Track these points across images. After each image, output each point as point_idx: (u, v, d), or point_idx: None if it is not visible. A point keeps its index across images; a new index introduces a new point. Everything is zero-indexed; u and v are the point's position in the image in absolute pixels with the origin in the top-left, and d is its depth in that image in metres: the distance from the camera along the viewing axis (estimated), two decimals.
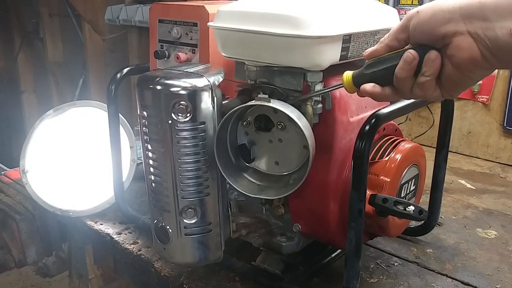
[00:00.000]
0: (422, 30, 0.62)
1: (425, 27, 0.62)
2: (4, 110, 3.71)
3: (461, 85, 0.64)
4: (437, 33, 0.61)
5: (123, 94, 2.42)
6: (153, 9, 1.13)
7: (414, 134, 2.12)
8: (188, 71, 0.91)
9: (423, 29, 0.62)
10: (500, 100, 1.89)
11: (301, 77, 0.88)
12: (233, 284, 1.05)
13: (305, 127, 0.83)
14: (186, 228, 0.92)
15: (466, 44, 0.59)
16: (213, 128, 0.88)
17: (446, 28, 0.60)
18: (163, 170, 0.90)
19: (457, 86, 0.64)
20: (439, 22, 0.60)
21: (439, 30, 0.61)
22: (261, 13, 0.85)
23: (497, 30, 0.57)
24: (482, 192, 1.61)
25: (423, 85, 0.65)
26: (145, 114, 0.89)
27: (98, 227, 1.31)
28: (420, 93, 0.66)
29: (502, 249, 1.23)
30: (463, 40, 0.59)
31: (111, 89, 1.17)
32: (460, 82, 0.63)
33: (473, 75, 0.62)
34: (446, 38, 0.61)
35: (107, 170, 1.29)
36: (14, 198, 1.57)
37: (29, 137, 1.41)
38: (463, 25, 0.59)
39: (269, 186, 0.93)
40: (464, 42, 0.59)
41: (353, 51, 0.89)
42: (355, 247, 0.86)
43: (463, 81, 0.63)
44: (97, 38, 2.87)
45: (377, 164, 0.94)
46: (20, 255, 1.52)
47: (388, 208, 0.87)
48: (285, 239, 1.00)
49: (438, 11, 0.60)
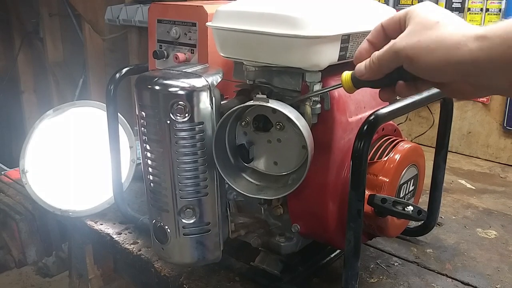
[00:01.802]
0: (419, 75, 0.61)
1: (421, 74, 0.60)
2: (4, 110, 3.72)
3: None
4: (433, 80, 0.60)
5: (123, 94, 2.42)
6: (152, 9, 1.13)
7: (414, 134, 2.11)
8: (187, 71, 0.91)
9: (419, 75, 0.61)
10: (500, 100, 1.88)
11: (300, 77, 0.88)
12: (233, 284, 1.05)
13: (304, 127, 0.83)
14: (184, 228, 0.92)
15: (465, 89, 0.59)
16: (211, 128, 0.88)
17: (442, 79, 0.59)
18: (161, 170, 0.90)
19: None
20: (434, 75, 0.59)
21: (434, 79, 0.60)
22: (260, 13, 0.85)
23: (496, 83, 0.55)
24: (482, 192, 1.60)
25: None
26: (144, 114, 0.89)
27: (98, 227, 1.31)
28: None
29: (502, 249, 1.22)
30: (461, 86, 0.58)
31: (110, 89, 1.17)
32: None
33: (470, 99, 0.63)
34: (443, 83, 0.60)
35: (107, 170, 1.28)
36: (14, 198, 1.57)
37: (29, 137, 1.41)
38: (460, 78, 0.57)
39: (268, 186, 0.93)
40: (463, 88, 0.59)
41: (352, 51, 0.89)
42: (354, 247, 0.86)
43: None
44: (97, 38, 2.87)
45: (376, 164, 0.94)
46: (20, 255, 1.52)
47: (387, 208, 0.87)
48: (284, 239, 1.00)
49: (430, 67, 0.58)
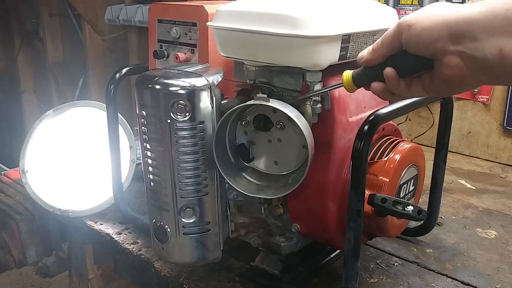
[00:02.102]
0: (414, 46, 0.62)
1: (416, 44, 0.62)
2: (4, 110, 3.72)
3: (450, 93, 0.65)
4: (427, 50, 0.61)
5: (123, 94, 2.42)
6: (152, 9, 1.13)
7: (414, 134, 2.11)
8: (187, 70, 0.91)
9: (415, 45, 0.62)
10: (500, 100, 1.89)
11: (300, 77, 0.88)
12: (233, 284, 1.05)
13: (304, 126, 0.83)
14: (184, 227, 0.92)
15: (454, 63, 0.58)
16: (212, 127, 0.88)
17: (435, 47, 0.60)
18: (162, 169, 0.90)
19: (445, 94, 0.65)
20: (428, 41, 0.60)
21: (428, 49, 0.60)
22: (260, 12, 0.85)
23: (485, 50, 0.55)
24: (482, 192, 1.60)
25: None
26: (144, 113, 0.89)
27: (98, 227, 1.31)
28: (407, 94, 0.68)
29: (502, 249, 1.22)
30: (451, 59, 0.59)
31: (110, 89, 1.17)
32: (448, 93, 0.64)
33: (462, 90, 0.63)
34: (436, 55, 0.61)
35: (107, 170, 1.28)
36: (14, 198, 1.57)
37: (28, 137, 1.41)
38: (451, 44, 0.58)
39: (268, 185, 0.93)
40: (452, 62, 0.59)
41: (352, 51, 0.89)
42: (354, 247, 0.86)
43: (451, 92, 0.64)
44: (97, 38, 2.87)
45: (376, 164, 0.94)
46: (20, 255, 1.52)
47: (387, 208, 0.87)
48: (284, 239, 1.00)
49: (427, 30, 0.59)
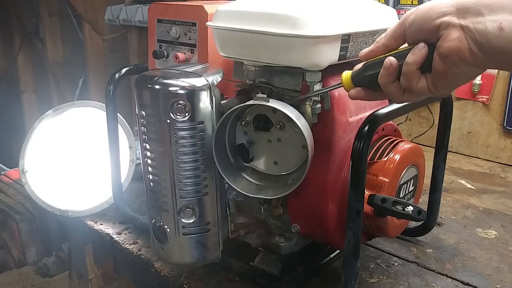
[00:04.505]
0: (418, 24, 0.64)
1: (420, 22, 0.63)
2: (4, 110, 3.72)
3: (446, 79, 0.64)
4: (431, 25, 0.62)
5: (123, 94, 2.42)
6: (152, 9, 1.13)
7: (414, 134, 2.12)
8: (187, 70, 0.90)
9: (418, 23, 0.64)
10: (500, 100, 1.89)
11: (300, 77, 0.88)
12: (233, 284, 1.05)
13: (304, 126, 0.83)
14: (184, 227, 0.91)
15: (454, 35, 0.60)
16: (211, 127, 0.88)
17: (440, 21, 0.61)
18: (161, 169, 0.90)
19: (442, 80, 0.64)
20: (435, 15, 0.62)
21: (432, 23, 0.62)
22: (260, 12, 0.85)
23: (487, 24, 0.58)
24: (482, 192, 1.60)
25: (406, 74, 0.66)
26: (144, 113, 0.89)
27: (98, 227, 1.31)
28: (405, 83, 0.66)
29: (502, 249, 1.22)
30: (453, 32, 0.60)
31: (110, 89, 1.17)
32: (444, 75, 0.63)
33: (458, 70, 0.62)
34: (439, 31, 0.62)
35: (106, 170, 1.28)
36: (14, 198, 1.57)
37: (28, 137, 1.41)
38: (456, 19, 0.60)
39: (268, 186, 0.93)
40: (453, 34, 0.60)
41: (352, 51, 0.89)
42: (353, 247, 0.85)
43: (448, 74, 0.63)
44: (97, 38, 2.87)
45: (376, 165, 0.93)
46: (20, 255, 1.52)
47: (386, 208, 0.87)
48: (283, 239, 1.00)
49: (435, 6, 0.62)
